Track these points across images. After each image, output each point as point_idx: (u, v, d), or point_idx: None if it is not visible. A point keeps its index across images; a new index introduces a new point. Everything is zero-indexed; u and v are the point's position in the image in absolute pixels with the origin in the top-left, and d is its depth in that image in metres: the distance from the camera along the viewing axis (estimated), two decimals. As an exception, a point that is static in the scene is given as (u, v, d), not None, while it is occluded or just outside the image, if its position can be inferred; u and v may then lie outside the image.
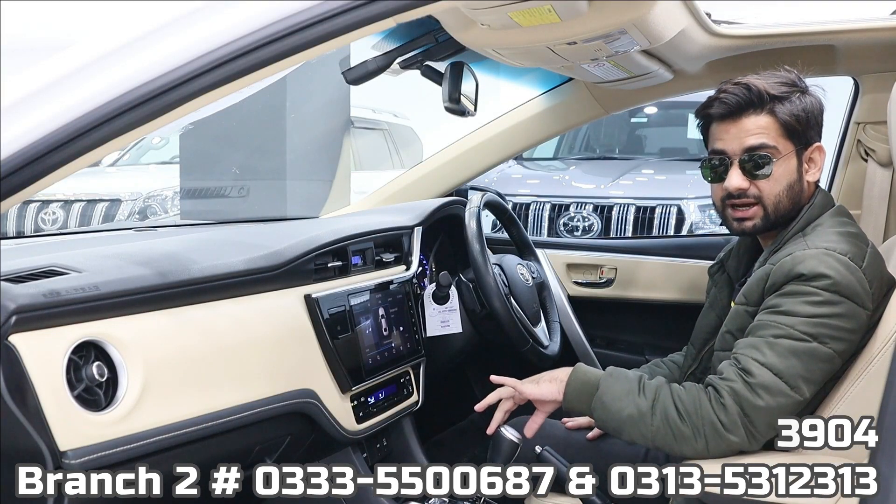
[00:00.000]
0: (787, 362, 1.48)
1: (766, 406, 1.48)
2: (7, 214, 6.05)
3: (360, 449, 1.91)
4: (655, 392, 1.56)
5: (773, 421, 1.48)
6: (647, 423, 1.54)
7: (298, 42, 1.10)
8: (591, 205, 5.77)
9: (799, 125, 1.61)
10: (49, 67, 1.11)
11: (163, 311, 1.39)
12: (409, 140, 7.69)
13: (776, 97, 1.61)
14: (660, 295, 2.64)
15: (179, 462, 1.37)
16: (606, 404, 1.58)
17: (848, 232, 1.59)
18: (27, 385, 1.15)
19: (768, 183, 1.62)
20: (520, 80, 2.49)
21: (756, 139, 1.61)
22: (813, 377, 1.49)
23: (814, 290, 1.49)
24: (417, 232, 2.14)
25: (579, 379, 1.63)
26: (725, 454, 1.52)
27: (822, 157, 1.67)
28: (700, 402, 1.52)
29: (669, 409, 1.53)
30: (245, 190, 5.10)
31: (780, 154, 1.62)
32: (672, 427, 1.52)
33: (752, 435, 1.49)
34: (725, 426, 1.49)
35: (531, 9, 1.39)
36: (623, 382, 1.59)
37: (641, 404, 1.55)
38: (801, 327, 1.49)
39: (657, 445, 1.56)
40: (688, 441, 1.52)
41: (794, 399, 1.48)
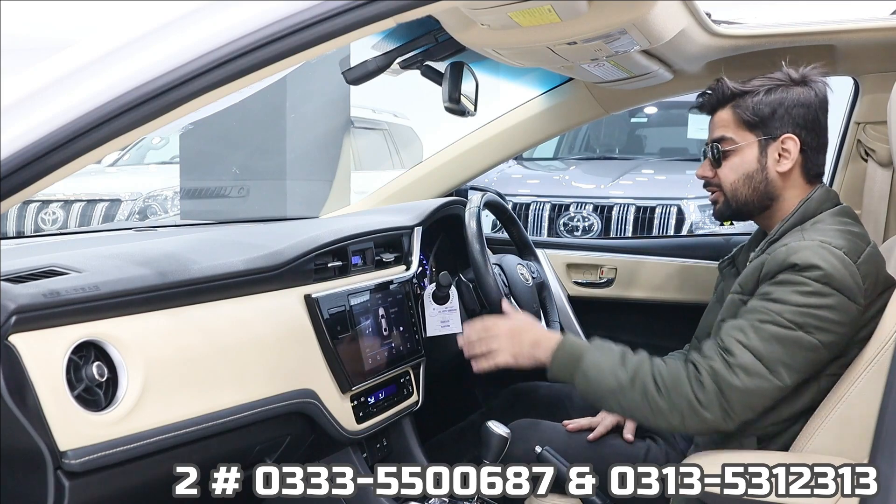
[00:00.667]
0: (769, 346, 1.51)
1: (743, 386, 1.51)
2: (7, 214, 6.05)
3: (360, 449, 1.91)
4: (637, 366, 1.61)
5: (749, 401, 1.52)
6: (626, 395, 1.59)
7: (298, 42, 1.10)
8: (591, 205, 5.77)
9: (757, 117, 1.68)
10: (49, 67, 1.11)
11: (163, 311, 1.39)
12: (409, 140, 7.69)
13: (739, 93, 1.71)
14: (660, 295, 2.64)
15: (179, 462, 1.37)
16: (589, 376, 1.63)
17: (848, 230, 1.60)
18: (27, 385, 1.15)
19: (724, 171, 1.73)
20: (520, 80, 2.49)
21: (718, 132, 1.73)
22: (795, 364, 1.51)
23: (805, 280, 1.51)
24: (417, 232, 2.14)
25: (565, 350, 1.68)
26: (700, 431, 1.60)
27: (795, 148, 1.69)
28: (678, 379, 1.56)
29: (648, 384, 1.57)
30: (245, 190, 5.10)
31: (736, 144, 1.70)
32: (650, 401, 1.57)
33: (727, 413, 1.52)
34: (701, 403, 1.53)
35: (531, 9, 1.39)
36: (607, 355, 1.64)
37: (622, 377, 1.59)
38: (787, 315, 1.51)
39: (634, 417, 1.65)
40: (664, 415, 1.56)
41: (772, 383, 1.51)
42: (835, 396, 1.51)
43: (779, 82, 1.70)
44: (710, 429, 1.56)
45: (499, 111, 2.59)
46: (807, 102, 1.69)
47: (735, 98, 1.70)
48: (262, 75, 1.12)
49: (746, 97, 1.69)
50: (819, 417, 1.52)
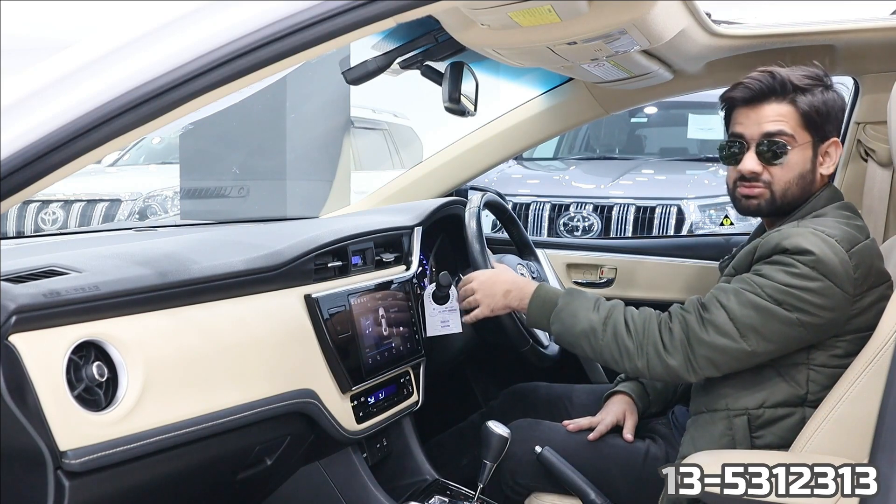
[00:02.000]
0: (744, 311, 1.56)
1: (710, 341, 1.57)
2: (7, 214, 6.05)
3: (360, 449, 1.91)
4: (609, 310, 1.68)
5: (713, 357, 1.58)
6: (598, 336, 1.66)
7: (298, 42, 1.10)
8: (591, 205, 5.77)
9: (818, 117, 1.65)
10: (49, 67, 1.11)
11: (163, 311, 1.39)
12: (409, 140, 7.70)
13: (799, 87, 1.64)
14: (660, 295, 2.64)
15: (179, 462, 1.37)
16: (563, 319, 1.71)
17: (847, 223, 1.62)
18: (27, 385, 1.15)
19: (781, 170, 1.65)
20: (520, 80, 2.49)
21: (774, 126, 1.64)
22: (767, 334, 1.55)
23: (793, 263, 1.54)
24: (417, 232, 2.14)
25: (540, 296, 1.78)
26: (662, 376, 1.64)
27: (837, 152, 1.70)
28: (649, 322, 1.63)
29: (619, 326, 1.65)
30: (245, 190, 5.10)
31: (797, 143, 1.65)
32: (619, 342, 1.64)
33: (690, 364, 1.59)
34: (666, 348, 1.60)
35: (531, 9, 1.39)
36: (581, 300, 1.72)
37: (594, 319, 1.67)
38: (769, 290, 1.55)
39: (604, 359, 1.68)
40: (630, 357, 1.63)
41: (740, 346, 1.56)
42: (835, 396, 1.51)
43: (822, 82, 1.67)
44: (672, 375, 1.61)
45: (499, 111, 2.59)
46: (844, 106, 1.72)
47: (797, 92, 1.64)
48: (262, 75, 1.12)
49: (807, 94, 1.64)
50: (819, 417, 1.52)
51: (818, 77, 1.68)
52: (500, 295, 1.85)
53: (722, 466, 1.48)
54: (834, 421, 1.49)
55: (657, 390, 1.98)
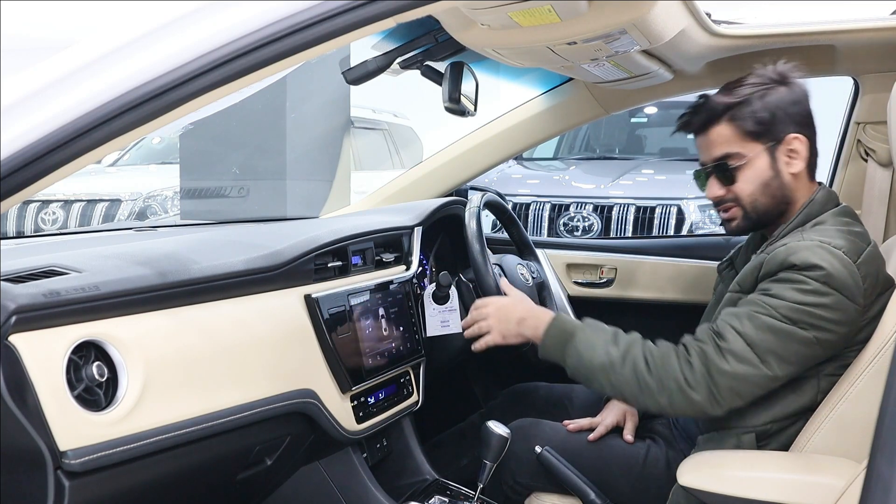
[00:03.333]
0: (761, 335, 1.52)
1: (732, 371, 1.52)
2: (7, 214, 6.05)
3: (360, 449, 1.91)
4: (629, 344, 1.62)
5: (736, 387, 1.52)
6: (616, 372, 1.59)
7: (298, 42, 1.10)
8: (591, 205, 5.77)
9: (762, 125, 1.65)
10: (49, 67, 1.11)
11: (163, 311, 1.39)
12: (409, 140, 7.70)
13: (732, 105, 1.66)
14: (660, 295, 2.64)
15: (179, 462, 1.37)
16: (581, 352, 1.64)
17: (849, 230, 1.60)
18: (27, 385, 1.15)
19: (740, 186, 1.68)
20: (520, 80, 2.49)
21: (719, 150, 1.69)
22: (787, 356, 1.51)
23: (804, 279, 1.51)
24: (417, 232, 2.14)
25: (557, 328, 1.70)
26: (687, 413, 1.58)
27: (803, 145, 1.67)
28: (668, 358, 1.57)
29: (639, 361, 1.58)
30: (245, 190, 5.10)
31: (747, 157, 1.67)
32: (639, 378, 1.58)
33: (714, 397, 1.53)
34: (689, 383, 1.54)
35: (531, 9, 1.39)
36: (599, 333, 1.66)
37: (613, 353, 1.61)
38: (783, 310, 1.51)
39: (623, 396, 1.62)
40: (652, 394, 1.57)
41: (761, 371, 1.51)
42: (835, 396, 1.51)
43: (766, 85, 1.67)
44: (697, 411, 1.56)
45: (499, 111, 2.59)
46: (798, 99, 1.68)
47: (729, 111, 1.66)
48: (262, 75, 1.12)
49: (742, 107, 1.65)
50: (819, 417, 1.52)
51: (761, 81, 1.67)
52: (515, 322, 1.79)
53: (723, 467, 1.48)
54: (834, 421, 1.49)
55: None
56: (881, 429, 1.32)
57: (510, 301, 1.84)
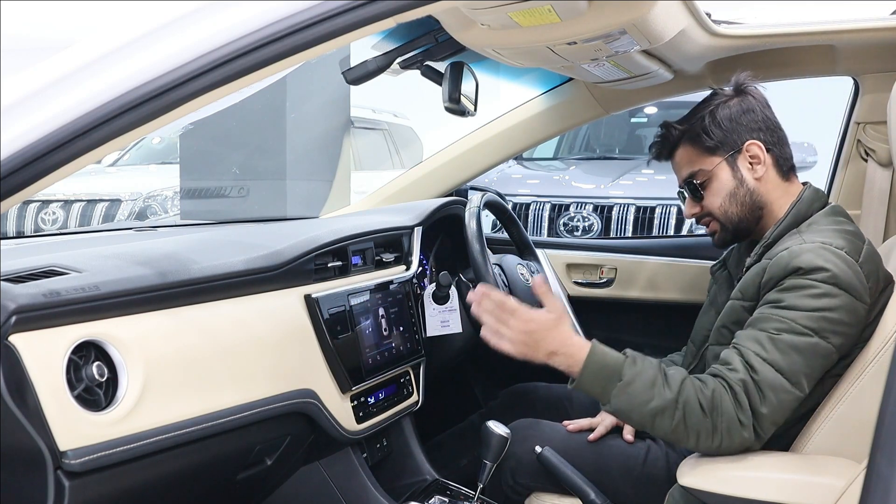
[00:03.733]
0: (788, 359, 1.48)
1: (772, 405, 1.47)
2: (7, 214, 6.05)
3: (360, 449, 1.91)
4: (681, 385, 1.51)
5: (775, 418, 1.48)
6: (670, 415, 1.49)
7: (298, 42, 1.10)
8: (591, 205, 5.77)
9: (715, 138, 1.72)
10: (49, 67, 1.11)
11: (163, 311, 1.39)
12: (409, 140, 7.70)
13: (685, 129, 1.76)
14: (660, 295, 2.64)
15: (179, 462, 1.37)
16: (632, 394, 1.50)
17: (844, 230, 1.61)
18: (27, 385, 1.15)
19: (709, 200, 1.75)
20: (520, 80, 2.49)
21: (686, 170, 1.78)
22: (813, 373, 1.50)
23: (813, 283, 1.50)
24: (417, 232, 2.14)
25: (598, 362, 1.52)
26: (732, 450, 1.49)
27: (762, 151, 1.72)
28: (722, 398, 1.48)
29: (693, 404, 1.48)
30: (245, 190, 5.10)
31: (709, 171, 1.74)
32: (694, 421, 1.48)
33: (758, 434, 1.48)
34: (742, 423, 1.47)
35: (531, 9, 1.39)
36: (649, 369, 1.52)
37: (667, 396, 1.49)
38: (802, 321, 1.49)
39: (670, 438, 1.52)
40: (705, 437, 1.48)
41: (794, 395, 1.48)
42: (835, 396, 1.51)
43: (717, 101, 1.75)
44: (741, 449, 1.49)
45: (499, 111, 2.59)
46: (750, 108, 1.74)
47: (685, 134, 1.76)
48: (262, 75, 1.12)
49: (695, 128, 1.74)
50: (819, 417, 1.52)
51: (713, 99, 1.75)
52: (543, 354, 1.55)
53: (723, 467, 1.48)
54: (834, 421, 1.49)
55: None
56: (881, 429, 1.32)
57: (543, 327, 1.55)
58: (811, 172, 6.17)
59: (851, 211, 2.38)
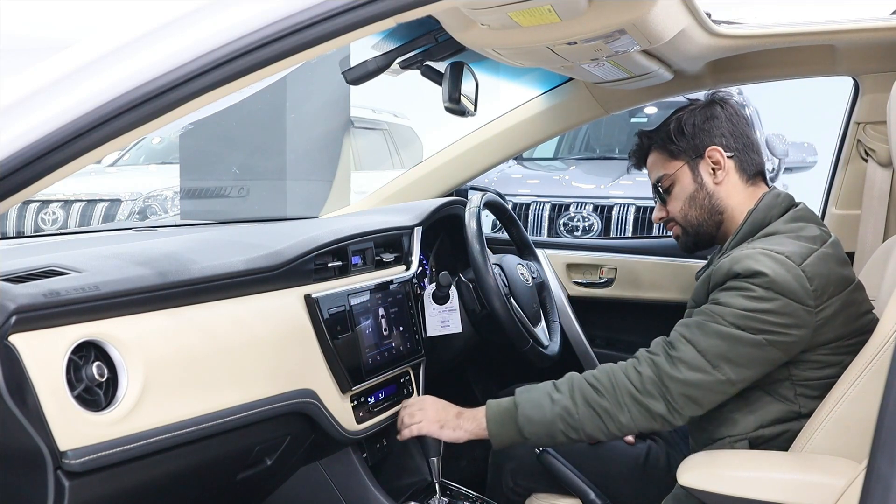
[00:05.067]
0: (710, 341, 1.53)
1: (683, 378, 1.53)
2: (7, 214, 6.05)
3: (360, 449, 1.91)
4: (570, 382, 1.62)
5: (690, 394, 1.53)
6: (572, 414, 1.58)
7: (298, 42, 1.10)
8: (591, 205, 5.78)
9: (676, 143, 1.78)
10: (49, 67, 1.11)
11: (163, 311, 1.39)
12: (409, 140, 7.70)
13: (651, 135, 1.83)
14: (660, 295, 2.64)
15: (179, 462, 1.37)
16: (531, 416, 1.61)
17: (799, 235, 1.61)
18: (27, 385, 1.15)
19: (672, 203, 1.80)
20: (520, 80, 2.49)
21: (653, 175, 1.84)
22: (738, 360, 1.53)
23: (748, 286, 1.53)
24: (417, 232, 2.14)
25: (494, 409, 1.67)
26: (651, 425, 1.57)
27: (723, 156, 1.75)
28: (614, 374, 1.58)
29: (587, 391, 1.58)
30: (245, 190, 5.10)
31: (672, 175, 1.79)
32: (595, 407, 1.57)
33: (670, 405, 1.54)
34: (641, 391, 1.55)
35: (531, 9, 1.39)
36: (536, 390, 1.64)
37: (561, 399, 1.60)
38: (729, 317, 1.53)
39: (588, 433, 1.59)
40: (613, 416, 1.56)
41: (714, 377, 1.53)
42: (835, 396, 1.51)
43: (685, 109, 1.80)
44: (658, 422, 1.56)
45: (499, 111, 2.59)
46: (714, 115, 1.77)
47: (654, 141, 1.82)
48: (262, 75, 1.12)
49: (661, 134, 1.80)
50: (819, 417, 1.52)
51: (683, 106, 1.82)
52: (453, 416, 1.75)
53: (723, 467, 1.48)
54: (834, 421, 1.49)
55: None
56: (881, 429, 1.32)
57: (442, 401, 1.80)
58: (811, 172, 6.17)
59: (851, 211, 2.38)
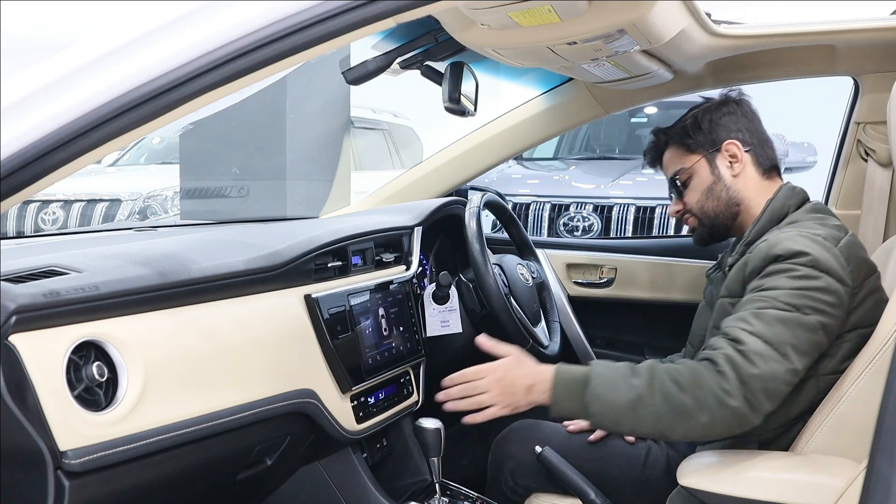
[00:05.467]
0: (773, 329, 1.48)
1: (761, 372, 1.44)
2: (7, 214, 6.05)
3: (360, 449, 1.91)
4: (650, 370, 1.50)
5: (768, 388, 1.45)
6: (646, 404, 1.46)
7: (298, 42, 1.10)
8: (591, 205, 5.78)
9: (693, 136, 1.82)
10: (49, 67, 1.11)
11: (163, 311, 1.39)
12: (409, 140, 7.70)
13: (668, 131, 1.87)
14: (660, 295, 2.64)
15: (179, 462, 1.37)
16: (602, 395, 1.49)
17: (824, 223, 1.64)
18: (27, 385, 1.15)
19: (689, 195, 1.84)
20: (520, 80, 2.49)
21: (671, 170, 1.88)
22: (801, 346, 1.48)
23: (792, 266, 1.53)
24: (417, 232, 2.14)
25: (565, 378, 1.54)
26: (730, 427, 1.46)
27: (740, 150, 1.79)
28: (698, 372, 1.47)
29: (668, 385, 1.47)
30: (245, 190, 5.10)
31: (689, 168, 1.83)
32: (674, 403, 1.45)
33: (750, 403, 1.44)
34: (728, 392, 1.44)
35: (531, 9, 1.39)
36: (614, 369, 1.53)
37: (638, 385, 1.48)
38: (783, 298, 1.51)
39: (659, 429, 1.48)
40: (692, 415, 1.45)
41: (785, 366, 1.46)
42: (835, 396, 1.51)
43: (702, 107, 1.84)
44: (739, 422, 1.45)
45: (499, 111, 2.59)
46: (730, 111, 1.82)
47: (671, 137, 1.86)
48: (262, 75, 1.12)
49: (678, 130, 1.85)
50: (819, 417, 1.52)
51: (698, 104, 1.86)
52: (523, 392, 1.56)
53: (723, 467, 1.48)
54: (834, 421, 1.49)
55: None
56: (881, 429, 1.32)
57: (509, 368, 1.60)
58: (811, 172, 6.17)
59: (851, 211, 2.38)
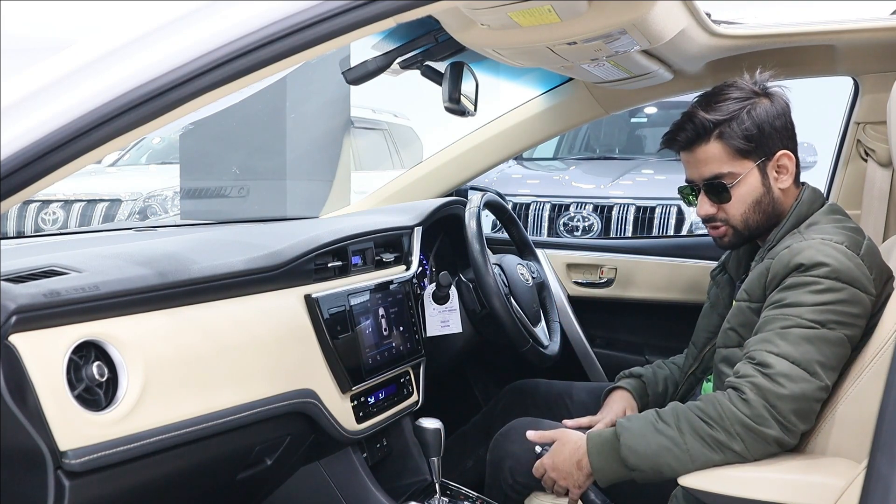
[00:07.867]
0: (800, 349, 1.47)
1: (791, 394, 1.45)
2: (7, 214, 6.05)
3: (360, 449, 1.91)
4: (674, 412, 1.53)
5: (800, 408, 1.46)
6: (680, 446, 1.50)
7: (298, 42, 1.10)
8: (591, 205, 5.77)
9: (752, 142, 1.64)
10: (49, 67, 1.11)
11: (163, 311, 1.39)
12: (409, 140, 7.70)
13: (720, 122, 1.64)
14: (660, 295, 2.64)
15: (179, 462, 1.37)
16: (635, 447, 1.53)
17: (844, 226, 1.62)
18: (27, 385, 1.15)
19: (732, 206, 1.67)
20: (520, 80, 2.49)
21: (709, 169, 1.67)
22: (829, 362, 1.48)
23: (815, 279, 1.50)
24: (417, 232, 2.14)
25: (596, 442, 1.58)
26: (768, 451, 1.47)
27: (791, 162, 1.68)
28: (721, 404, 1.49)
29: (695, 422, 1.50)
30: (245, 190, 5.10)
31: (738, 176, 1.66)
32: (705, 438, 1.48)
33: (784, 426, 1.45)
34: (754, 420, 1.45)
35: (531, 9, 1.39)
36: (639, 419, 1.56)
37: (667, 430, 1.52)
38: (808, 315, 1.49)
39: (698, 465, 1.49)
40: (726, 446, 1.47)
41: (815, 384, 1.46)
42: (835, 396, 1.51)
43: (750, 99, 1.66)
44: (774, 445, 1.47)
45: (499, 111, 2.59)
46: (782, 111, 1.68)
47: (717, 128, 1.64)
48: (262, 75, 1.12)
49: (732, 124, 1.64)
50: (819, 417, 1.52)
51: (745, 95, 1.66)
52: (576, 469, 1.62)
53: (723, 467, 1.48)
54: (834, 421, 1.49)
55: (657, 390, 1.97)
56: (881, 429, 1.32)
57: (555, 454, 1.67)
58: (811, 172, 6.17)
59: (851, 211, 2.38)
